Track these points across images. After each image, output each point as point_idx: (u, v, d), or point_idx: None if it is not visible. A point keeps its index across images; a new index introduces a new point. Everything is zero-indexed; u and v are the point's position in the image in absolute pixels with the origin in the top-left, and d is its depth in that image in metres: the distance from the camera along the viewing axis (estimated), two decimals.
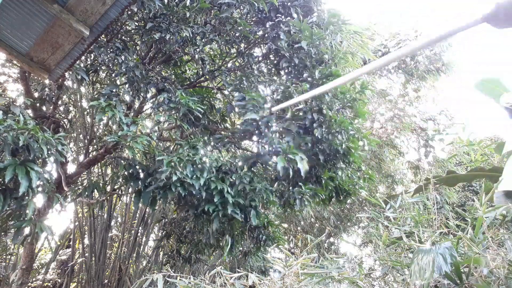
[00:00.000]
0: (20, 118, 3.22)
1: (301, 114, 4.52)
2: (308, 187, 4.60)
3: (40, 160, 3.41)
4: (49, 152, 3.24)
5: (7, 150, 2.94)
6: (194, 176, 3.80)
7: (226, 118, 6.20)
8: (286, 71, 5.08)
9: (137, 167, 4.20)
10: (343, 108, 4.92)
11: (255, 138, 4.77)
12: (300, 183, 4.63)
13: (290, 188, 4.81)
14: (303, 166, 3.97)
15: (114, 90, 4.12)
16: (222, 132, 5.23)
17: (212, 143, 4.82)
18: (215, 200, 3.88)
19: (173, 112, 4.31)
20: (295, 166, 4.01)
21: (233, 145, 5.21)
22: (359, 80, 5.17)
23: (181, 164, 3.79)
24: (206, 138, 4.58)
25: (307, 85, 4.46)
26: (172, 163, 3.74)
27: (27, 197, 3.25)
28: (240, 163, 4.41)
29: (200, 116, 4.41)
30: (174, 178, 3.68)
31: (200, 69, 4.95)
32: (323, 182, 4.87)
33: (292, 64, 4.82)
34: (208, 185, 3.89)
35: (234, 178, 4.13)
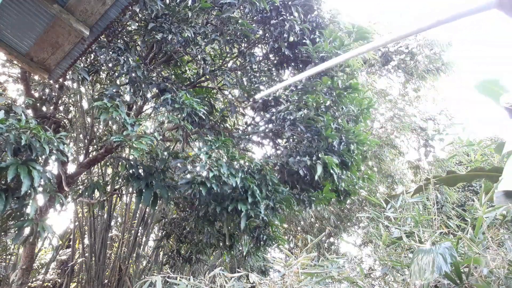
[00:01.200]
0: (22, 117, 3.22)
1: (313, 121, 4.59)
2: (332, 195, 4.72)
3: (41, 159, 3.41)
4: (51, 152, 3.24)
5: (9, 149, 2.94)
6: (230, 174, 3.86)
7: (226, 118, 6.19)
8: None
9: (138, 167, 4.21)
10: (349, 120, 5.00)
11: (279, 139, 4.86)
12: (304, 187, 4.70)
13: (300, 191, 4.90)
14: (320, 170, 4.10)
15: (116, 91, 4.12)
16: (226, 133, 5.25)
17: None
18: (249, 200, 3.94)
19: (176, 112, 4.33)
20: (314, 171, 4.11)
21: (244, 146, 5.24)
22: (366, 99, 5.29)
23: (218, 162, 3.85)
24: (224, 138, 4.62)
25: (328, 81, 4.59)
26: (210, 159, 3.80)
27: (28, 197, 3.25)
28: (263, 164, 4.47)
29: (204, 117, 4.43)
30: (211, 174, 3.75)
31: (201, 69, 4.96)
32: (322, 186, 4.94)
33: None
34: (243, 184, 3.96)
35: (259, 180, 4.19)
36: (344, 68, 5.08)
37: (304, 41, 5.08)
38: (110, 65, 4.42)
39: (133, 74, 4.15)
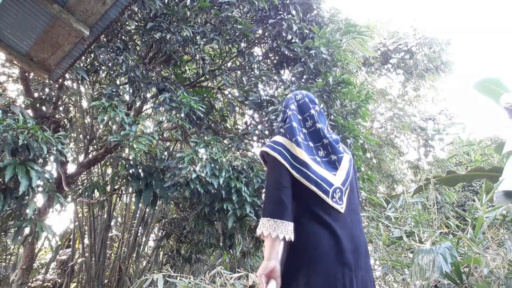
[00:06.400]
0: (19, 117, 3.22)
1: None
2: None
3: (40, 159, 3.40)
4: (49, 151, 3.24)
5: (7, 149, 2.93)
6: (213, 174, 3.83)
7: (226, 118, 6.18)
8: (297, 74, 5.11)
9: (138, 166, 4.20)
10: (347, 115, 4.97)
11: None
12: None
13: None
14: None
15: (115, 90, 4.12)
16: (225, 133, 5.23)
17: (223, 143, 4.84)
18: (233, 198, 3.91)
19: (174, 112, 4.32)
20: None
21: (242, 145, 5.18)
22: (364, 90, 5.24)
23: (201, 162, 3.82)
24: (212, 137, 4.58)
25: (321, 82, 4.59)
26: (191, 160, 3.77)
27: (27, 197, 3.25)
28: (254, 163, 4.44)
29: (202, 116, 4.41)
30: (194, 175, 3.71)
31: (200, 69, 4.96)
32: None
33: (306, 68, 4.87)
34: (227, 184, 3.91)
35: (248, 178, 4.15)
36: (336, 63, 5.04)
37: (304, 40, 5.07)
38: (109, 64, 4.42)
39: (132, 74, 4.14)
